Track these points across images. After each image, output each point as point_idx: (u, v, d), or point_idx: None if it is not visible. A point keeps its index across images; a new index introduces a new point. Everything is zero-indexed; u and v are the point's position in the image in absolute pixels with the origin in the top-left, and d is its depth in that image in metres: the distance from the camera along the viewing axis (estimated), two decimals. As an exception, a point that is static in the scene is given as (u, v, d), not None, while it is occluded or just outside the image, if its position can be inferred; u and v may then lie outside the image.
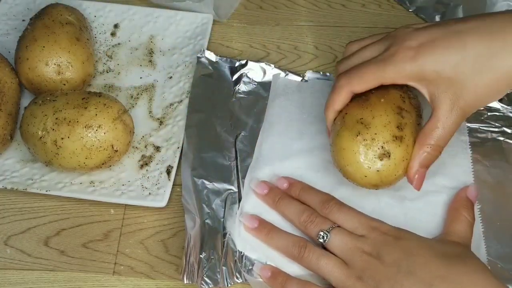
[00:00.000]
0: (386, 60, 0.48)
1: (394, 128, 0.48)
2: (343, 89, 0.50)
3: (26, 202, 0.57)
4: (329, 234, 0.48)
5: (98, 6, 0.70)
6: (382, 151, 0.48)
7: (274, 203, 0.52)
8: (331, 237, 0.48)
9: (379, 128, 0.48)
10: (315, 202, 0.51)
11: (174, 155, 0.58)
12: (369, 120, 0.49)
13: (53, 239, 0.55)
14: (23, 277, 0.53)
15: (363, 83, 0.49)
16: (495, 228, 0.52)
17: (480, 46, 0.46)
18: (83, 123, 0.54)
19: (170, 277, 0.53)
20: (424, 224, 0.51)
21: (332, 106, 0.51)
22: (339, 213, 0.49)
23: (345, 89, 0.50)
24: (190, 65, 0.65)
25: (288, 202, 0.52)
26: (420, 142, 0.49)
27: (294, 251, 0.49)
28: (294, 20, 0.71)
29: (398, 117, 0.49)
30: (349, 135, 0.49)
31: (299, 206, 0.51)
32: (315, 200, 0.51)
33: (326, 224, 0.49)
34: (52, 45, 0.59)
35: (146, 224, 0.56)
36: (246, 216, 0.52)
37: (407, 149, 0.49)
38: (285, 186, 0.53)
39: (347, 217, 0.49)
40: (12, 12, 0.70)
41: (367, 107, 0.49)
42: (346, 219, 0.49)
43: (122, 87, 0.65)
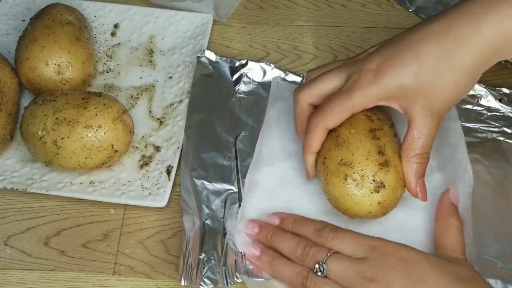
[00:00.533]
0: (351, 88, 0.48)
1: (376, 156, 0.48)
2: (318, 128, 0.50)
3: (26, 202, 0.57)
4: (325, 265, 0.45)
5: (98, 6, 0.70)
6: (375, 184, 0.47)
7: (267, 241, 0.50)
8: (328, 267, 0.45)
9: (362, 163, 0.48)
10: (309, 232, 0.49)
11: (174, 155, 0.58)
12: (350, 158, 0.48)
13: (53, 239, 0.55)
14: (23, 277, 0.53)
15: (336, 117, 0.49)
16: (495, 228, 0.52)
17: (434, 50, 0.46)
18: (83, 123, 0.54)
19: (170, 277, 0.53)
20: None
21: (309, 149, 0.51)
22: (335, 239, 0.47)
23: (320, 128, 0.50)
24: (190, 65, 0.65)
25: (281, 237, 0.50)
26: (406, 156, 0.48)
27: (298, 282, 0.47)
28: (294, 20, 0.71)
29: (374, 142, 0.49)
30: (338, 181, 0.48)
31: (293, 239, 0.49)
32: (309, 230, 0.49)
33: (321, 253, 0.46)
34: (52, 45, 0.59)
35: (146, 224, 0.56)
36: (247, 245, 0.51)
37: (396, 169, 0.48)
38: (277, 222, 0.51)
39: (343, 241, 0.47)
40: (12, 12, 0.70)
41: (343, 145, 0.49)
42: (342, 243, 0.46)
43: (122, 87, 0.65)
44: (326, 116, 0.49)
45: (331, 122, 0.50)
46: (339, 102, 0.49)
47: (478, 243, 0.51)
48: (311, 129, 0.50)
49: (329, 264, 0.45)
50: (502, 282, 0.49)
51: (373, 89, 0.47)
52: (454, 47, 0.46)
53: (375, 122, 0.50)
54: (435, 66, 0.46)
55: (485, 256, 0.51)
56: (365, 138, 0.49)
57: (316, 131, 0.50)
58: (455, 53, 0.46)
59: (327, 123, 0.49)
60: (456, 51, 0.46)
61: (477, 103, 0.60)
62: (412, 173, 0.48)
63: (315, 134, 0.50)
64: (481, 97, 0.60)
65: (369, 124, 0.50)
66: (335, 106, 0.49)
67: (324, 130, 0.50)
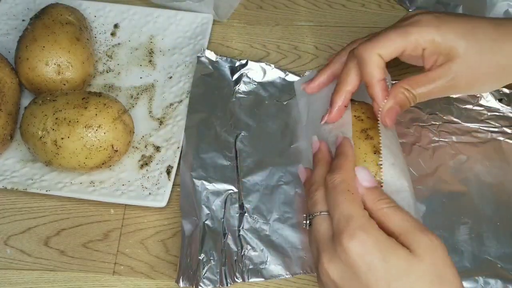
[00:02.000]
0: (411, 24, 0.49)
1: (372, 156, 0.48)
2: (371, 54, 0.48)
3: (26, 202, 0.57)
4: (309, 221, 0.45)
5: (98, 6, 0.70)
6: (378, 185, 0.46)
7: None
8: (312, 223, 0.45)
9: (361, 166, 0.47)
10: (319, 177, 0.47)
11: (174, 155, 0.58)
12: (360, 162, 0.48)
13: (53, 239, 0.55)
14: (23, 277, 0.53)
15: (390, 44, 0.48)
16: (495, 228, 0.52)
17: (491, 33, 0.49)
18: (83, 123, 0.54)
19: (170, 277, 0.53)
20: None
21: (345, 82, 0.50)
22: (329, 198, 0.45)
23: (373, 53, 0.48)
24: (190, 65, 0.65)
25: (317, 162, 0.49)
26: (401, 83, 0.49)
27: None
28: (294, 20, 0.71)
29: (368, 142, 0.49)
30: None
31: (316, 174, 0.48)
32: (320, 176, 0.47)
33: (314, 208, 0.45)
34: (52, 45, 0.59)
35: (146, 224, 0.56)
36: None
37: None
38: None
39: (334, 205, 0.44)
40: (12, 12, 0.70)
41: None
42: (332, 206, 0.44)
43: (122, 87, 0.65)
44: (381, 41, 0.48)
45: (384, 50, 0.48)
46: (396, 32, 0.49)
47: (478, 243, 0.51)
48: (361, 53, 0.49)
49: (313, 223, 0.45)
50: (502, 282, 0.49)
51: (431, 31, 0.48)
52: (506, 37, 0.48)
53: (365, 121, 0.50)
54: (488, 46, 0.49)
55: (485, 256, 0.51)
56: (359, 140, 0.49)
57: (368, 56, 0.48)
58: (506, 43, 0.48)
59: (381, 49, 0.48)
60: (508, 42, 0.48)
61: (477, 103, 0.60)
62: (394, 98, 0.49)
63: (365, 60, 0.48)
64: (481, 97, 0.60)
65: (360, 125, 0.50)
66: (390, 33, 0.49)
67: (377, 57, 0.48)
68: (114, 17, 0.70)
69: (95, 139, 0.54)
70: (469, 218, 0.53)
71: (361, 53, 0.49)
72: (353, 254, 0.40)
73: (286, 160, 0.57)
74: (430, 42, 0.48)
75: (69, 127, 0.54)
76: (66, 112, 0.54)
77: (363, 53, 0.49)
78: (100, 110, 0.55)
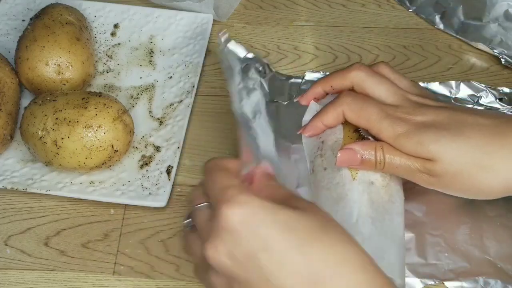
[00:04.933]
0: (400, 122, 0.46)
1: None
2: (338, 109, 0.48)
3: (26, 202, 0.57)
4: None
5: (98, 6, 0.70)
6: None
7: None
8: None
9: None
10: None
11: (174, 155, 0.58)
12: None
13: (53, 239, 0.55)
14: (23, 277, 0.53)
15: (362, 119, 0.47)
16: (495, 228, 0.52)
17: (481, 142, 0.44)
18: (83, 123, 0.54)
19: (170, 277, 0.53)
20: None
21: (322, 118, 0.49)
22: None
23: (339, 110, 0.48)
24: (190, 65, 0.65)
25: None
26: (380, 143, 0.46)
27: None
28: (294, 20, 0.71)
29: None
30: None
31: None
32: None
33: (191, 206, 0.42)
34: (52, 45, 0.59)
35: (146, 224, 0.56)
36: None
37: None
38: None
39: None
40: (12, 12, 0.70)
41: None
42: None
43: (122, 87, 0.65)
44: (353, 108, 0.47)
45: (350, 117, 0.47)
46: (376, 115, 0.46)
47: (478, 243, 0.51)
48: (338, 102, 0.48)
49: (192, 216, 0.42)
50: (502, 282, 0.49)
51: (408, 144, 0.45)
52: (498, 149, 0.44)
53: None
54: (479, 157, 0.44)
55: (485, 256, 0.51)
56: (351, 141, 0.48)
57: (334, 110, 0.48)
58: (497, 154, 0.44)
59: (346, 114, 0.47)
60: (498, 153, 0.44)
61: (477, 103, 0.60)
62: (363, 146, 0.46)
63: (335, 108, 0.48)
64: (481, 97, 0.60)
65: (351, 125, 0.49)
66: (371, 112, 0.46)
67: (341, 115, 0.47)
68: (114, 17, 0.70)
69: (95, 139, 0.54)
70: (469, 218, 0.53)
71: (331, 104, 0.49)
72: (237, 219, 0.36)
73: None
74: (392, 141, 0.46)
75: (69, 127, 0.54)
76: (66, 112, 0.54)
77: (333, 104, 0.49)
78: (100, 110, 0.55)
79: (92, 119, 0.54)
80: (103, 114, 0.55)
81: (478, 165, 0.44)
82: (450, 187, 0.46)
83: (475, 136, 0.44)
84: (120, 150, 0.56)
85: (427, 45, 0.67)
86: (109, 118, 0.55)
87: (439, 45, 0.67)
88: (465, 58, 0.66)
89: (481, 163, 0.44)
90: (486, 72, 0.65)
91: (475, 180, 0.44)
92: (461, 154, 0.44)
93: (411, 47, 0.67)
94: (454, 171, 0.44)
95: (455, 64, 0.65)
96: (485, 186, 0.45)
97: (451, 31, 0.67)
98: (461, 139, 0.44)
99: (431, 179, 0.45)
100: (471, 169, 0.44)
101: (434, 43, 0.67)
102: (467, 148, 0.44)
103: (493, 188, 0.45)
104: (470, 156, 0.44)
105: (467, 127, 0.45)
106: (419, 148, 0.44)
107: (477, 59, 0.66)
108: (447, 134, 0.44)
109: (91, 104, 0.55)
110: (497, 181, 0.44)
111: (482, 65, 0.65)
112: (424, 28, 0.69)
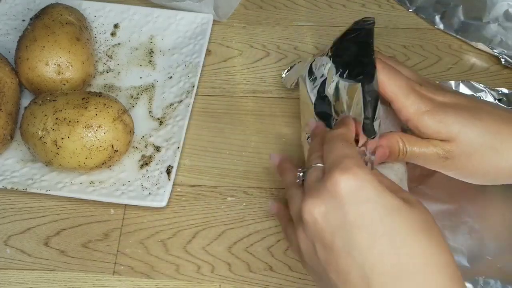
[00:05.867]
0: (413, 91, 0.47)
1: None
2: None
3: (26, 202, 0.57)
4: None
5: (98, 6, 0.70)
6: None
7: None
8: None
9: None
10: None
11: (174, 155, 0.58)
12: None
13: (53, 239, 0.55)
14: (23, 277, 0.53)
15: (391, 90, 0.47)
16: (495, 228, 0.52)
17: (496, 128, 0.46)
18: (83, 123, 0.54)
19: (170, 277, 0.53)
20: None
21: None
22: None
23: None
24: (190, 65, 0.65)
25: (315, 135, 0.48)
26: (399, 134, 0.47)
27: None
28: (294, 20, 0.71)
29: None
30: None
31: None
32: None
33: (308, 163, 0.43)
34: (52, 45, 0.59)
35: (146, 224, 0.56)
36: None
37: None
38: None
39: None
40: (12, 12, 0.70)
41: None
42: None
43: (122, 87, 0.65)
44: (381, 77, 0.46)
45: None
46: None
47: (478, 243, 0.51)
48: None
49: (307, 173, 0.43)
50: (502, 282, 0.49)
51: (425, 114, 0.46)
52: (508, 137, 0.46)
53: None
54: (490, 145, 0.46)
55: (485, 256, 0.51)
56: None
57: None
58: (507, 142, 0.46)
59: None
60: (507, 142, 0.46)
61: (477, 103, 0.60)
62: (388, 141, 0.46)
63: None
64: (481, 97, 0.60)
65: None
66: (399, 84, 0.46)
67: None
68: (114, 17, 0.70)
69: (95, 139, 0.54)
70: (469, 217, 0.53)
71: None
72: (345, 187, 0.37)
73: None
74: (416, 117, 0.46)
75: (69, 127, 0.54)
76: (66, 112, 0.54)
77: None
78: (100, 110, 0.55)
79: (92, 119, 0.54)
80: (103, 114, 0.55)
81: (492, 147, 0.46)
82: (463, 169, 0.47)
83: (491, 122, 0.46)
84: (120, 150, 0.56)
85: (427, 45, 0.67)
86: (109, 118, 0.55)
87: (439, 45, 0.67)
88: (465, 58, 0.66)
89: (494, 146, 0.46)
90: (486, 72, 0.65)
91: (486, 162, 0.46)
92: (478, 136, 0.45)
93: (411, 47, 0.67)
94: (470, 152, 0.46)
95: (455, 64, 0.65)
96: (494, 169, 0.46)
97: (451, 31, 0.67)
98: (478, 122, 0.46)
99: (447, 162, 0.47)
100: (485, 151, 0.46)
101: (434, 43, 0.67)
102: (484, 132, 0.46)
103: (500, 171, 0.47)
104: (485, 139, 0.46)
105: (484, 113, 0.46)
106: (441, 127, 0.45)
107: (477, 59, 0.66)
108: (467, 116, 0.46)
109: (91, 104, 0.55)
110: (506, 165, 0.46)
111: (482, 65, 0.65)
112: (424, 28, 0.69)
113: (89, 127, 0.54)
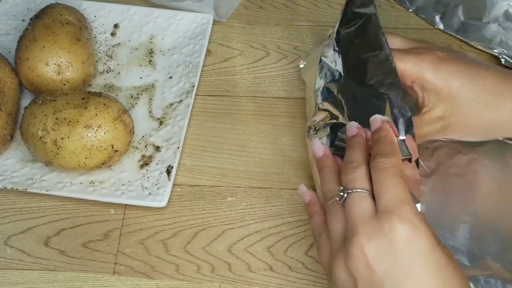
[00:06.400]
0: (410, 51, 0.49)
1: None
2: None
3: (26, 202, 0.57)
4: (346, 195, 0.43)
5: (98, 6, 0.70)
6: None
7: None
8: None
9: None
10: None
11: (174, 155, 0.58)
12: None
13: (53, 239, 0.55)
14: (23, 277, 0.53)
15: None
16: (495, 228, 0.52)
17: (494, 82, 0.48)
18: (83, 123, 0.54)
19: (170, 277, 0.53)
20: None
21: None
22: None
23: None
24: (190, 65, 0.65)
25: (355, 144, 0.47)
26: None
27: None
28: (294, 20, 0.71)
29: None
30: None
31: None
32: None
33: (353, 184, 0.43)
34: (52, 45, 0.59)
35: (146, 224, 0.56)
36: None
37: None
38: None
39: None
40: (12, 12, 0.70)
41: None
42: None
43: (122, 87, 0.65)
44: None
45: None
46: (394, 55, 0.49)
47: (478, 243, 0.51)
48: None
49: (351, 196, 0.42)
50: (502, 282, 0.49)
51: (424, 66, 0.48)
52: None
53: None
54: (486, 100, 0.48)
55: (485, 256, 0.51)
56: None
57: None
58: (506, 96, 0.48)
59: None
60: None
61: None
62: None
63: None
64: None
65: None
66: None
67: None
68: (114, 17, 0.70)
69: (95, 139, 0.54)
70: (469, 217, 0.53)
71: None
72: (403, 236, 0.38)
73: None
74: (419, 76, 0.48)
75: (69, 127, 0.54)
76: (66, 112, 0.54)
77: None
78: (100, 110, 0.55)
79: (92, 119, 0.54)
80: (103, 114, 0.55)
81: (489, 105, 0.48)
82: (461, 130, 0.50)
83: (489, 77, 0.48)
84: (120, 150, 0.56)
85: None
86: (109, 118, 0.55)
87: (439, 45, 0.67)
88: (465, 58, 0.66)
89: (491, 103, 0.48)
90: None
91: (482, 119, 0.49)
92: (477, 94, 0.48)
93: (411, 47, 0.67)
94: (470, 106, 0.48)
95: (455, 64, 0.65)
96: (490, 125, 0.49)
97: (451, 31, 0.67)
98: (478, 78, 0.48)
99: (446, 124, 0.49)
100: (483, 108, 0.48)
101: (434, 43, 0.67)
102: (482, 88, 0.48)
103: (494, 125, 0.49)
104: (484, 97, 0.48)
105: (482, 69, 0.49)
106: (444, 84, 0.48)
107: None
108: (467, 73, 0.48)
109: (91, 104, 0.55)
110: (499, 120, 0.48)
111: (482, 65, 0.65)
112: (424, 28, 0.69)
113: (89, 127, 0.54)
